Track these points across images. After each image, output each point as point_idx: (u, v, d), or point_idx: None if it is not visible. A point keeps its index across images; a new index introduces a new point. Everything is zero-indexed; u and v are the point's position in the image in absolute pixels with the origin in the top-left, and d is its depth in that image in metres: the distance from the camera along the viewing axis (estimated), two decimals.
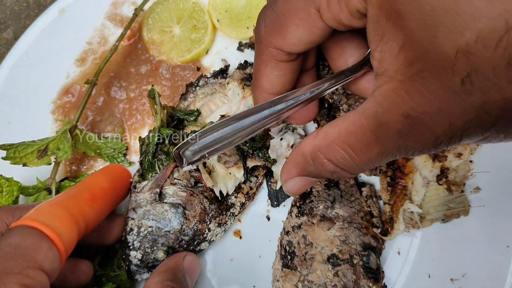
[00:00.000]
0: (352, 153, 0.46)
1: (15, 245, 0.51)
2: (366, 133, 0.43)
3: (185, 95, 0.83)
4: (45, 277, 0.51)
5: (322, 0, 0.44)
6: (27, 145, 0.72)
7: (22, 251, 0.51)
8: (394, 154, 0.44)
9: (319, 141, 0.49)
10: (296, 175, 0.55)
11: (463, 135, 0.39)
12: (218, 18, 0.88)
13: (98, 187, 0.66)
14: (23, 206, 0.64)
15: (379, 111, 0.41)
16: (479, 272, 0.73)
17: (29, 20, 0.98)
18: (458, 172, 0.76)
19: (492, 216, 0.75)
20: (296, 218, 0.75)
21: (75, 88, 0.89)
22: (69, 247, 0.56)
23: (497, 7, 0.32)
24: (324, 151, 0.49)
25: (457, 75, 0.35)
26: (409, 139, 0.41)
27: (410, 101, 0.39)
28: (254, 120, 0.52)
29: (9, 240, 0.51)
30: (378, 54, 0.41)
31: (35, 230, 0.53)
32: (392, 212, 0.75)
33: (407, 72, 0.38)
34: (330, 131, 0.48)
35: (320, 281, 0.69)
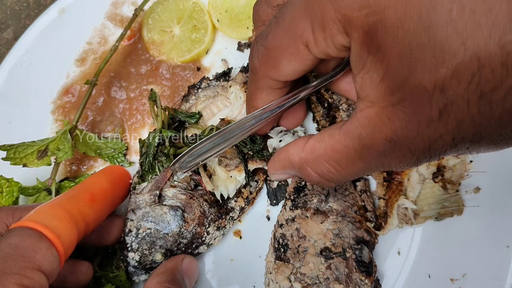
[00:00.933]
0: (338, 167, 0.50)
1: (14, 245, 0.51)
2: (351, 152, 0.47)
3: (186, 97, 0.83)
4: (43, 278, 0.51)
5: (309, 37, 0.46)
6: (27, 146, 0.72)
7: (21, 251, 0.51)
8: (377, 168, 0.48)
9: (306, 154, 0.53)
10: (283, 174, 0.61)
11: (441, 154, 0.43)
12: (218, 18, 0.88)
13: (98, 188, 0.67)
14: (23, 207, 0.64)
15: (363, 134, 0.45)
16: (479, 272, 0.74)
17: (29, 20, 0.98)
18: (454, 171, 0.76)
19: (492, 216, 0.76)
20: (290, 211, 0.75)
21: (75, 88, 0.89)
22: (68, 248, 0.57)
23: (469, 47, 0.34)
24: (311, 165, 0.53)
25: (435, 107, 0.38)
26: (392, 158, 0.45)
27: (392, 127, 0.42)
28: (242, 128, 0.60)
29: (9, 241, 0.52)
30: (360, 79, 0.44)
31: (35, 231, 0.53)
32: (386, 207, 0.76)
33: (388, 100, 0.41)
34: (316, 146, 0.52)
35: (312, 274, 0.69)
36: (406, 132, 0.41)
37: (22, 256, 0.51)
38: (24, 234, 0.53)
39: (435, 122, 0.39)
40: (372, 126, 0.43)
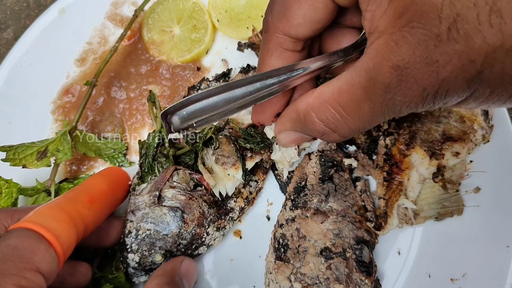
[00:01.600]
0: (343, 112, 0.47)
1: (13, 247, 0.51)
2: (357, 91, 0.45)
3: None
4: (41, 279, 0.51)
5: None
6: (26, 147, 0.72)
7: (20, 252, 0.51)
8: (383, 111, 0.45)
9: (313, 100, 0.50)
10: (289, 129, 0.57)
11: (450, 87, 0.41)
12: (218, 18, 0.88)
13: (97, 189, 0.67)
14: (22, 208, 0.64)
15: (370, 66, 0.43)
16: (479, 272, 0.74)
17: (29, 20, 0.98)
18: (454, 171, 0.76)
19: (492, 216, 0.75)
20: (290, 211, 0.75)
21: (75, 88, 0.89)
22: (67, 249, 0.57)
23: None
24: (316, 111, 0.50)
25: (444, 23, 0.37)
26: (397, 93, 0.42)
27: (399, 52, 0.40)
28: (245, 92, 0.51)
29: (7, 242, 0.52)
30: (368, 13, 0.42)
31: (33, 232, 0.53)
32: (386, 207, 0.76)
33: (397, 24, 0.40)
34: (324, 90, 0.49)
35: (312, 274, 0.69)
36: (413, 57, 0.39)
37: (20, 257, 0.51)
38: (22, 235, 0.53)
39: (443, 42, 0.38)
40: (379, 55, 0.42)
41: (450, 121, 0.76)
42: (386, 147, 0.78)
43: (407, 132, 0.77)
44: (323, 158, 0.79)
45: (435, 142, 0.75)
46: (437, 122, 0.77)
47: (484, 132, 0.76)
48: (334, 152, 0.80)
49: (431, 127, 0.77)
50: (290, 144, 0.59)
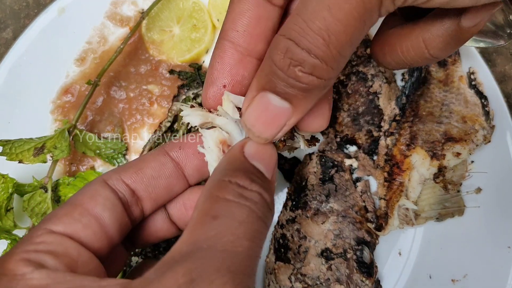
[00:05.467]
0: (328, 31, 0.36)
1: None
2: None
3: (177, 97, 0.84)
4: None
5: None
6: (24, 142, 0.72)
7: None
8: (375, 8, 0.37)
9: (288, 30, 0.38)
10: (258, 90, 0.42)
11: None
12: (218, 17, 0.88)
13: None
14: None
15: None
16: (481, 273, 0.73)
17: (29, 20, 0.97)
18: (455, 172, 0.76)
19: (493, 217, 0.75)
20: (290, 211, 0.75)
21: (75, 88, 0.88)
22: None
23: None
24: (297, 41, 0.37)
25: None
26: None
27: None
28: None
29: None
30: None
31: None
32: (387, 208, 0.75)
33: None
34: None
35: (313, 275, 0.69)
36: None
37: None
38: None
39: None
40: None
41: (451, 121, 0.76)
42: (387, 148, 0.78)
43: (408, 132, 0.77)
44: (323, 159, 0.78)
45: (436, 142, 0.75)
46: (438, 122, 0.77)
47: (485, 133, 0.76)
48: (335, 153, 0.80)
49: (432, 128, 0.76)
50: (264, 131, 0.44)
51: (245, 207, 0.39)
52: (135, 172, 0.48)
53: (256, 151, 0.45)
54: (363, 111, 0.81)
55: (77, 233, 0.41)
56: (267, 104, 0.42)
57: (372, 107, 0.81)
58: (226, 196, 0.39)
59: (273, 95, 0.41)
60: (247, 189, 0.40)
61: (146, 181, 0.48)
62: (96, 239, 0.42)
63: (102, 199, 0.44)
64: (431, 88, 0.79)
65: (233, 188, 0.40)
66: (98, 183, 0.46)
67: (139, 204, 0.48)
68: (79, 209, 0.43)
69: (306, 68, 0.38)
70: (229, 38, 0.47)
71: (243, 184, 0.41)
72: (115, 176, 0.47)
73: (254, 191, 0.41)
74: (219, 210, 0.39)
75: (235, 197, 0.40)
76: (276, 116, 0.42)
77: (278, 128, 0.43)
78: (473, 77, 0.79)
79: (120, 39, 0.90)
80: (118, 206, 0.45)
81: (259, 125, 0.43)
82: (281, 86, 0.40)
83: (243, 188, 0.40)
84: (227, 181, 0.41)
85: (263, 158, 0.45)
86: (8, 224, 0.73)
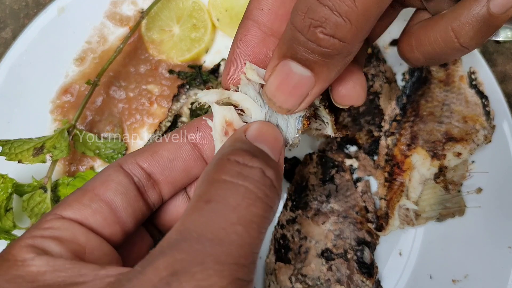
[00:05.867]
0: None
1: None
2: None
3: (177, 97, 0.84)
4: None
5: None
6: (23, 142, 0.71)
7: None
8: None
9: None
10: (280, 58, 0.40)
11: None
12: (218, 17, 0.88)
13: None
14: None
15: None
16: (481, 273, 0.73)
17: (28, 19, 0.97)
18: (456, 172, 0.76)
19: (493, 217, 0.75)
20: (291, 211, 0.75)
21: (74, 87, 0.88)
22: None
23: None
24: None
25: None
26: None
27: None
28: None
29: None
30: None
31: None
32: (387, 208, 0.75)
33: None
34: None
35: (313, 275, 0.69)
36: None
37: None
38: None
39: None
40: None
41: (452, 121, 0.76)
42: (388, 148, 0.78)
43: (409, 132, 0.77)
44: (324, 159, 0.78)
45: (437, 142, 0.75)
46: (439, 122, 0.76)
47: (486, 133, 0.75)
48: (335, 153, 0.80)
49: (433, 128, 0.76)
50: (293, 102, 0.41)
51: (241, 187, 0.35)
52: (150, 155, 0.46)
53: (259, 133, 0.42)
54: (364, 111, 0.81)
55: (87, 219, 0.40)
56: (288, 72, 0.39)
57: (372, 107, 0.81)
58: (222, 177, 0.36)
59: (294, 62, 0.39)
60: (247, 166, 0.37)
61: (163, 164, 0.46)
62: (107, 225, 0.41)
63: (115, 183, 0.43)
64: (432, 88, 0.79)
65: (231, 166, 0.37)
66: (112, 168, 0.44)
67: (156, 188, 0.46)
68: (90, 194, 0.41)
69: (328, 28, 0.35)
70: (253, 17, 0.45)
71: (243, 161, 0.37)
72: (130, 159, 0.45)
73: (254, 167, 0.37)
74: (213, 193, 0.36)
75: (232, 176, 0.36)
76: (297, 85, 0.40)
77: (300, 98, 0.41)
78: (474, 77, 0.79)
79: (120, 38, 0.89)
80: (132, 191, 0.43)
81: (280, 95, 0.41)
82: (301, 52, 0.38)
83: (243, 165, 0.37)
84: (226, 159, 0.37)
85: (267, 140, 0.42)
86: (8, 224, 0.72)
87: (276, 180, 0.38)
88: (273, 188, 0.37)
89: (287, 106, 0.41)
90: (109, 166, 0.45)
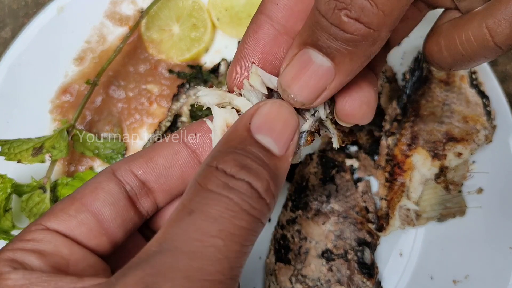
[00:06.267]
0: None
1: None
2: None
3: (177, 96, 0.83)
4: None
5: None
6: (22, 142, 0.71)
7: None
8: None
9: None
10: (300, 47, 0.37)
11: None
12: (218, 16, 0.87)
13: None
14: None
15: None
16: (482, 274, 0.73)
17: (28, 19, 0.97)
18: (457, 172, 0.76)
19: (494, 217, 0.75)
20: (291, 212, 0.75)
21: (74, 87, 0.88)
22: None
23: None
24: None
25: None
26: None
27: None
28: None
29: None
30: None
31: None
32: (388, 208, 0.75)
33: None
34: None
35: (314, 276, 0.69)
36: None
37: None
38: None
39: None
40: None
41: (453, 121, 0.76)
42: (388, 148, 0.77)
43: (409, 132, 0.77)
44: (324, 159, 0.78)
45: (438, 142, 0.75)
46: (439, 122, 0.76)
47: (487, 133, 0.75)
48: (335, 153, 0.80)
49: (434, 128, 0.76)
50: (308, 95, 0.38)
51: (225, 198, 0.33)
52: (145, 162, 0.44)
53: (267, 119, 0.37)
54: None
55: (71, 230, 0.39)
56: (307, 61, 0.36)
57: None
58: (208, 186, 0.34)
59: (314, 51, 0.36)
60: (234, 178, 0.34)
61: (158, 172, 0.44)
62: (93, 236, 0.40)
63: (104, 193, 0.41)
64: (432, 87, 0.79)
65: (218, 176, 0.34)
66: (104, 174, 0.43)
67: (151, 196, 0.44)
68: (77, 204, 0.40)
69: (353, 11, 0.33)
70: (267, 11, 0.42)
71: (230, 171, 0.34)
72: (124, 166, 0.43)
73: (241, 180, 0.34)
74: (197, 203, 0.34)
75: (218, 187, 0.34)
76: (315, 76, 0.37)
77: (317, 90, 0.38)
78: (475, 77, 0.79)
79: (119, 38, 0.89)
80: (122, 200, 0.42)
81: (296, 86, 0.38)
82: (323, 39, 0.35)
83: (230, 177, 0.34)
84: (214, 167, 0.35)
85: (274, 128, 0.37)
86: (7, 225, 0.72)
87: (265, 189, 0.35)
88: (261, 200, 0.34)
89: (302, 98, 0.38)
90: (102, 171, 0.43)
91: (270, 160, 0.36)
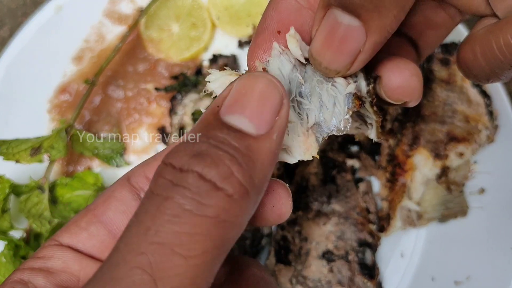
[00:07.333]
0: None
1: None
2: None
3: (173, 110, 0.82)
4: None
5: None
6: (21, 142, 0.71)
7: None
8: None
9: None
10: (325, 7, 0.33)
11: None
12: (217, 16, 0.87)
13: None
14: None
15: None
16: (484, 275, 0.72)
17: (26, 18, 0.96)
18: (458, 172, 0.75)
19: (496, 218, 0.75)
20: (291, 212, 0.74)
21: (72, 87, 0.87)
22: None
23: None
24: None
25: None
26: None
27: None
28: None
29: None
30: None
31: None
32: (389, 209, 0.75)
33: None
34: None
35: (314, 277, 0.68)
36: None
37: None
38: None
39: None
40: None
41: (454, 121, 0.75)
42: (389, 148, 0.77)
43: (411, 132, 0.76)
44: (324, 159, 0.77)
45: (439, 142, 0.74)
46: (441, 122, 0.76)
47: (488, 133, 0.75)
48: (336, 153, 0.79)
49: (435, 128, 0.75)
50: (341, 60, 0.34)
51: (168, 202, 0.27)
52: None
53: (237, 96, 0.31)
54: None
55: (83, 244, 0.37)
56: (334, 23, 0.32)
57: None
58: (151, 189, 0.29)
59: (340, 10, 0.32)
60: (181, 171, 0.28)
61: None
62: (105, 248, 0.38)
63: (116, 201, 0.39)
64: (434, 87, 0.78)
65: (165, 174, 0.29)
66: (119, 182, 0.40)
67: None
68: (89, 215, 0.38)
69: None
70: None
71: (179, 164, 0.28)
72: (138, 171, 0.40)
73: (188, 172, 0.28)
74: (136, 215, 0.29)
75: (161, 188, 0.28)
76: (345, 38, 0.32)
77: (350, 55, 0.33)
78: None
79: (118, 37, 0.89)
80: (134, 207, 0.38)
81: (326, 52, 0.33)
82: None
83: (178, 171, 0.28)
84: (162, 163, 0.29)
85: (246, 104, 0.30)
86: (5, 225, 0.72)
87: (226, 178, 0.28)
88: (217, 192, 0.27)
89: (335, 66, 0.34)
90: (119, 179, 0.41)
91: (241, 142, 0.29)
